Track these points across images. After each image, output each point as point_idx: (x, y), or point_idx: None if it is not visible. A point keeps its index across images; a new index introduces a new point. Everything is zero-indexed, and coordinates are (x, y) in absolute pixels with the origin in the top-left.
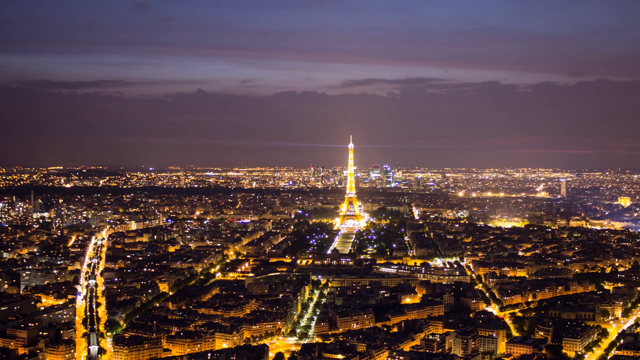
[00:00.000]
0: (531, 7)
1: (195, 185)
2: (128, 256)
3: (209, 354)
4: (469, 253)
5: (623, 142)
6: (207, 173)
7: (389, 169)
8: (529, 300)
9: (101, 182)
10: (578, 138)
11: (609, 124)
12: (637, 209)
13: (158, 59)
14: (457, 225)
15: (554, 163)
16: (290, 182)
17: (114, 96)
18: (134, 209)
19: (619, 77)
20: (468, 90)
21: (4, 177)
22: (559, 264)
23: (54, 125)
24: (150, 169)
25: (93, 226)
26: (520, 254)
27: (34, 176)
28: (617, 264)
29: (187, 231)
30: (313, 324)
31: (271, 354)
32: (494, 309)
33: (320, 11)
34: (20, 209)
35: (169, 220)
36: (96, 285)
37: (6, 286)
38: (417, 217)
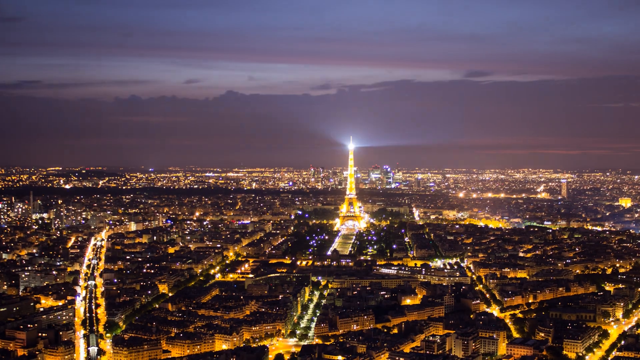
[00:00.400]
0: (453, 6)
1: (195, 186)
2: (127, 257)
3: (209, 356)
4: (469, 254)
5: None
6: (207, 174)
7: (389, 169)
8: (530, 301)
9: (100, 182)
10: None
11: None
12: (638, 210)
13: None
14: (457, 226)
15: (555, 164)
16: (290, 183)
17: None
18: (134, 210)
19: (526, 77)
20: (383, 89)
21: (3, 178)
22: (559, 265)
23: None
24: (150, 169)
25: (92, 227)
26: (521, 255)
27: (33, 177)
28: (617, 265)
29: (187, 232)
30: (313, 325)
31: (271, 356)
32: (494, 310)
33: (243, 11)
34: (20, 209)
35: (169, 221)
36: (95, 286)
37: (5, 287)
38: (417, 218)
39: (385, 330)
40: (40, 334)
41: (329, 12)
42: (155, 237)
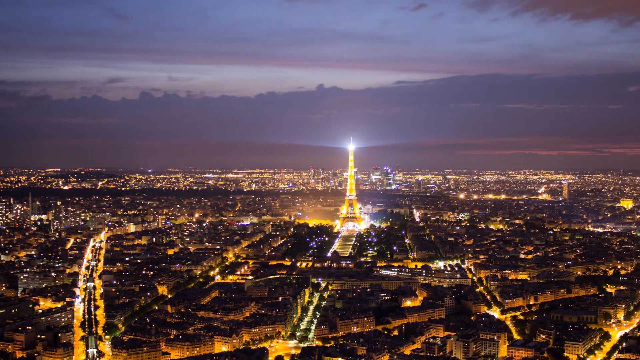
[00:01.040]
0: (342, 7)
1: (195, 187)
2: (127, 259)
3: (208, 358)
4: (470, 255)
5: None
6: (206, 175)
7: (389, 170)
8: (531, 303)
9: (99, 184)
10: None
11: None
12: None
13: None
14: (458, 228)
15: (556, 165)
16: (290, 184)
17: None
18: (133, 211)
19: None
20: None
21: (1, 179)
22: (560, 266)
23: None
24: (149, 170)
25: (91, 228)
26: (522, 256)
27: (32, 178)
28: (619, 267)
29: (186, 233)
30: (313, 327)
31: (271, 358)
32: (495, 311)
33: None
34: (18, 211)
35: (168, 222)
36: (94, 288)
37: (4, 289)
38: (417, 220)
39: (385, 332)
40: (39, 336)
41: (215, 13)
42: (154, 239)
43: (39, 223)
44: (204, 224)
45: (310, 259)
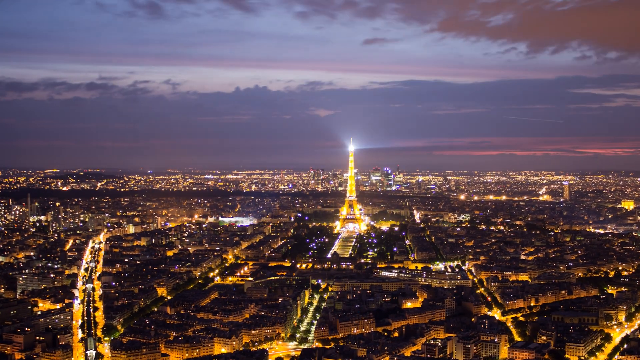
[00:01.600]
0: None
1: (194, 188)
2: (126, 260)
3: None
4: (470, 257)
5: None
6: (206, 176)
7: (389, 171)
8: (532, 304)
9: (99, 185)
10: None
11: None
12: None
13: None
14: (458, 229)
15: (557, 166)
16: (290, 185)
17: None
18: (132, 212)
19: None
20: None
21: (0, 180)
22: (561, 267)
23: None
24: (149, 171)
25: (90, 230)
26: (523, 257)
27: (31, 179)
28: (620, 268)
29: (186, 235)
30: (313, 328)
31: (270, 359)
32: (495, 313)
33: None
34: (17, 212)
35: (167, 223)
36: (93, 289)
37: (2, 290)
38: (418, 221)
39: (385, 333)
40: (37, 338)
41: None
42: (153, 240)
43: (37, 224)
44: (204, 225)
45: (310, 260)
